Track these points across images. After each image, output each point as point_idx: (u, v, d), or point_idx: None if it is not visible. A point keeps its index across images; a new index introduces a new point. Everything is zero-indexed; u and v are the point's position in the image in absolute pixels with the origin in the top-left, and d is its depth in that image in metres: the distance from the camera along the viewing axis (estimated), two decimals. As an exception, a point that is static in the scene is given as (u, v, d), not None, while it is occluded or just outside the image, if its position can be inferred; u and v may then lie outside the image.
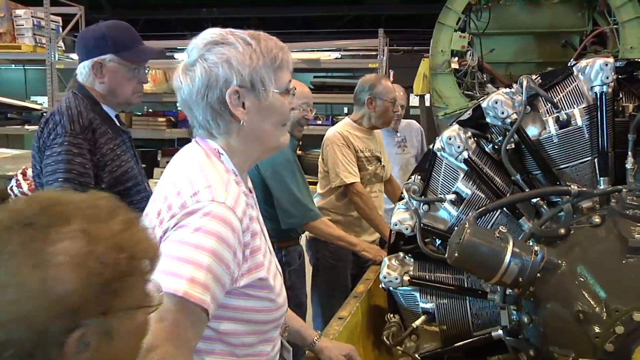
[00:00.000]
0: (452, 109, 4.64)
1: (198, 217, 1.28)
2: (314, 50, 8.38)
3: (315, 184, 3.63)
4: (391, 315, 2.28)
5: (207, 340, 1.37)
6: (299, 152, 7.36)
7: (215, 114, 1.41)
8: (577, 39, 4.99)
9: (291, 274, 3.03)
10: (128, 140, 2.33)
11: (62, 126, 2.12)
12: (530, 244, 1.90)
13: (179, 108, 1.45)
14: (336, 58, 7.88)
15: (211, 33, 1.43)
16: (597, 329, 1.66)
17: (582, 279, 1.77)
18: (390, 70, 8.43)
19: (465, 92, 4.79)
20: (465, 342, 2.13)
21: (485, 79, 4.99)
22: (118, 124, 2.33)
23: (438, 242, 2.21)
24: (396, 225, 2.16)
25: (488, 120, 2.12)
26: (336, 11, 10.53)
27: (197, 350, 1.34)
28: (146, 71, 2.33)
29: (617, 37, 4.74)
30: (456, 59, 4.93)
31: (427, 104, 5.33)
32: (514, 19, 4.96)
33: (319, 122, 7.49)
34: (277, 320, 1.49)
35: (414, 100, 7.49)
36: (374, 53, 7.82)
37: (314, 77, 7.86)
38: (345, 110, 9.27)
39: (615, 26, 4.70)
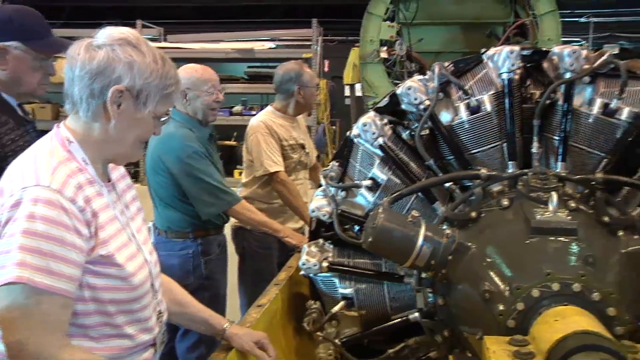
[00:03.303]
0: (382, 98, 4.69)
1: (26, 206, 1.36)
2: (248, 40, 8.28)
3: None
4: (312, 302, 2.29)
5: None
6: (233, 142, 7.29)
7: (91, 97, 1.48)
8: (500, 29, 5.13)
9: (208, 263, 3.03)
10: (33, 131, 2.22)
11: None
12: (444, 227, 1.95)
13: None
14: (270, 48, 7.81)
15: (129, 32, 1.53)
16: (500, 307, 1.72)
17: (489, 260, 1.83)
18: (324, 60, 8.44)
19: (395, 81, 4.86)
20: (383, 325, 2.17)
21: (414, 68, 5.08)
22: (22, 113, 2.23)
23: (357, 228, 2.24)
24: (314, 212, 2.18)
25: (403, 106, 2.15)
26: (271, 1, 10.45)
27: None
28: (54, 62, 2.24)
29: (537, 28, 4.90)
30: (385, 48, 4.99)
31: (358, 93, 5.39)
32: (441, 10, 5.06)
33: (254, 113, 7.42)
34: (134, 302, 1.56)
35: (347, 90, 7.56)
36: (308, 43, 7.81)
37: (248, 67, 7.78)
38: (281, 100, 9.20)
39: (534, 18, 4.87)
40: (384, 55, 4.98)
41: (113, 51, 1.47)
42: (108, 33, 1.50)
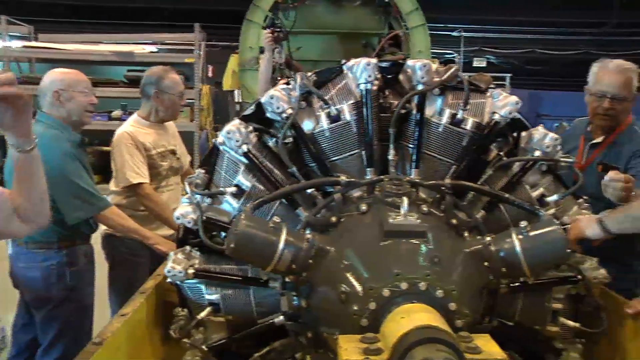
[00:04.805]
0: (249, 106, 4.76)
1: None
2: (128, 43, 8.06)
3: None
4: (179, 309, 2.28)
5: None
6: (109, 148, 7.04)
7: None
8: (376, 40, 5.34)
9: (74, 274, 2.92)
10: None
11: None
12: (307, 232, 2.01)
13: None
14: (151, 52, 7.65)
15: None
16: (355, 307, 1.81)
17: (346, 263, 1.91)
18: (208, 66, 8.37)
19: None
20: (250, 330, 2.20)
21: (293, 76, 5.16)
22: None
23: (223, 234, 2.25)
24: (179, 219, 2.17)
25: (268, 115, 2.19)
26: (153, 3, 10.20)
27: None
28: None
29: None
30: (263, 55, 5.03)
31: (238, 99, 5.42)
32: (319, 19, 5.17)
33: (134, 117, 7.22)
34: None
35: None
36: (191, 48, 7.73)
37: (128, 70, 7.58)
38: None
39: (407, 30, 5.11)
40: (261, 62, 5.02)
41: None
42: None
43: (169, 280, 2.22)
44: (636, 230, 2.19)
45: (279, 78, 4.96)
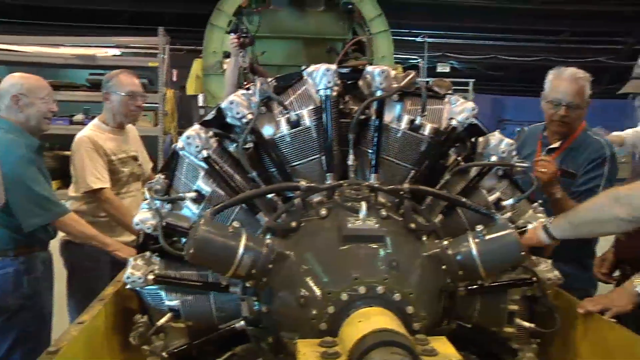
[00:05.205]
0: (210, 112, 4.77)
1: None
2: (90, 46, 7.95)
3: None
4: (139, 316, 2.26)
5: None
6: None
7: None
8: (340, 45, 5.38)
9: (31, 282, 2.87)
10: None
11: None
12: (267, 237, 2.02)
13: None
14: (114, 55, 7.55)
15: None
16: (314, 311, 1.82)
17: (306, 267, 1.92)
18: (173, 70, 8.30)
19: (238, 93, 4.88)
20: (210, 335, 2.19)
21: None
22: None
23: (184, 240, 2.24)
24: (138, 224, 2.15)
25: (228, 120, 2.19)
26: (117, 6, 10.07)
27: None
28: None
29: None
30: (228, 60, 5.03)
31: (201, 103, 5.38)
32: (283, 24, 5.19)
33: (96, 122, 7.10)
34: None
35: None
36: (155, 51, 7.65)
37: (90, 74, 7.46)
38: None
39: (370, 36, 5.16)
40: (226, 67, 5.01)
41: None
42: None
43: (128, 286, 2.20)
44: (577, 236, 2.25)
45: (244, 83, 4.97)
